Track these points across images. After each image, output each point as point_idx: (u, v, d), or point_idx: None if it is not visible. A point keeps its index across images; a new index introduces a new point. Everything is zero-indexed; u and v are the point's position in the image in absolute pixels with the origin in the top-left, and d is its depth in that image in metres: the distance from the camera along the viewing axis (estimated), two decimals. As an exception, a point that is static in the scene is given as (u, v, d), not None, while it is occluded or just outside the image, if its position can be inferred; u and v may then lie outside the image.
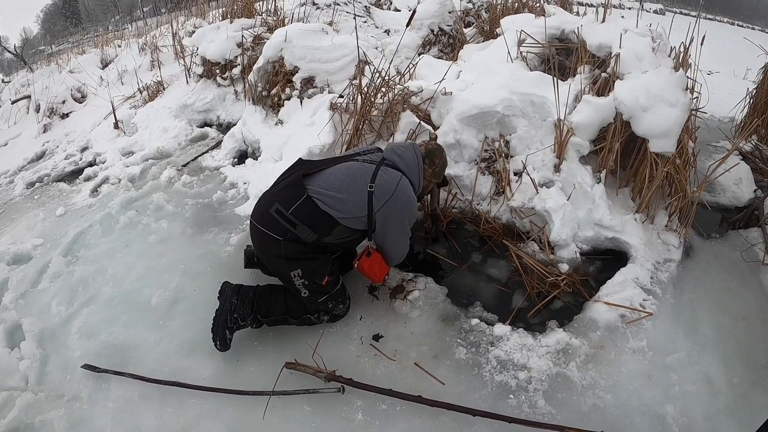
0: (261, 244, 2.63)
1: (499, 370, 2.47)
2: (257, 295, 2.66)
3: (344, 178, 2.57)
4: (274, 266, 2.65)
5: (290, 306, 2.65)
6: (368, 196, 2.52)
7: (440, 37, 5.56)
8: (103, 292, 3.15)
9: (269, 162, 4.31)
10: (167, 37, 7.85)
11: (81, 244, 3.66)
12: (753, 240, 3.42)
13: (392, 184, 2.56)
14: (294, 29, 4.71)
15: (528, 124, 3.50)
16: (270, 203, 2.56)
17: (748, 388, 2.48)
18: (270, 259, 2.62)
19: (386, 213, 2.55)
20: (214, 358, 2.60)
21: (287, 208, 2.50)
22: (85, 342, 2.83)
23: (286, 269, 2.56)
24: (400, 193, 2.57)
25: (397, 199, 2.55)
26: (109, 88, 6.66)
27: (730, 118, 5.21)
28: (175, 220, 3.75)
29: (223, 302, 2.63)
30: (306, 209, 2.50)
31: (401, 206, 2.59)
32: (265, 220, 2.56)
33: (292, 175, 2.62)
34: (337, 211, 2.52)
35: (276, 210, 2.52)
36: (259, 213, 2.61)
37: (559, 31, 3.94)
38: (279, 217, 2.51)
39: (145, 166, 4.80)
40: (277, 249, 2.54)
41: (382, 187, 2.54)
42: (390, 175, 2.59)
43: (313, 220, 2.51)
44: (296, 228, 2.51)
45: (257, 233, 2.61)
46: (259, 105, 4.92)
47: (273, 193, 2.61)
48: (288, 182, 2.60)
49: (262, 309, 2.64)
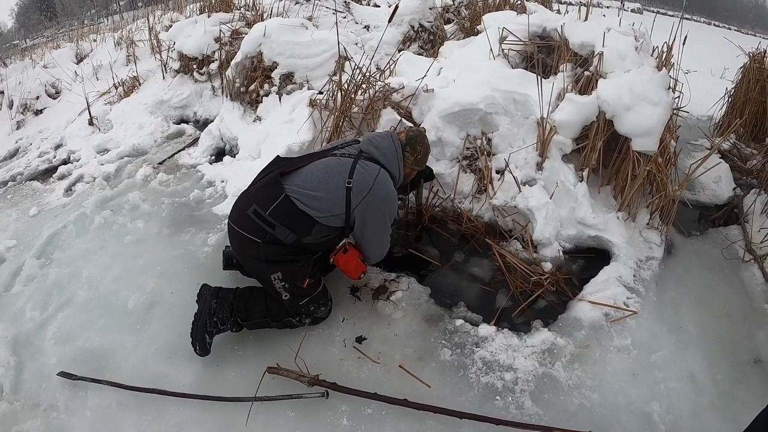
0: (239, 246, 2.56)
1: (485, 372, 2.45)
2: (237, 297, 2.59)
3: (321, 176, 2.51)
4: (253, 269, 2.59)
5: (271, 309, 2.58)
6: (346, 192, 2.46)
7: (420, 34, 5.51)
8: (78, 295, 3.05)
9: (247, 159, 4.22)
10: (143, 31, 7.68)
11: (55, 246, 3.54)
12: (733, 237, 3.47)
13: (370, 179, 2.50)
14: (273, 24, 4.63)
15: (510, 122, 3.48)
16: (247, 204, 2.49)
17: (732, 385, 2.51)
18: (249, 261, 2.56)
19: (365, 209, 2.50)
20: (194, 364, 2.53)
21: (265, 209, 2.44)
22: (60, 348, 2.73)
23: (266, 272, 2.50)
24: (379, 187, 2.51)
25: (376, 194, 2.50)
26: (84, 84, 6.47)
27: (708, 117, 5.28)
28: (152, 220, 3.65)
29: (202, 305, 2.54)
30: (284, 210, 2.44)
31: (380, 201, 2.53)
32: (243, 222, 2.49)
33: (269, 175, 2.54)
34: (316, 210, 2.46)
35: (253, 211, 2.45)
36: (237, 215, 2.54)
37: (540, 28, 3.92)
38: (257, 219, 2.45)
39: (121, 164, 4.67)
40: (255, 251, 2.48)
41: (359, 182, 2.48)
42: (368, 169, 2.53)
43: (291, 220, 2.45)
44: (275, 229, 2.44)
45: (235, 235, 2.55)
46: (237, 101, 4.83)
47: (250, 194, 2.54)
48: (265, 182, 2.52)
49: (242, 312, 2.56)
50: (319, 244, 2.60)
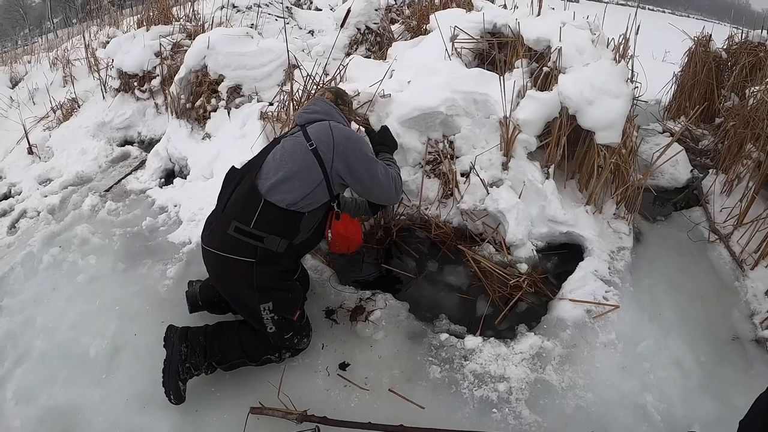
0: (226, 275, 2.34)
1: (477, 385, 2.38)
2: (208, 339, 2.39)
3: (284, 156, 2.33)
4: (240, 299, 2.36)
5: (247, 348, 2.40)
6: (314, 155, 2.30)
7: (367, 36, 5.43)
8: (34, 346, 2.79)
9: (199, 180, 4.03)
10: (80, 49, 7.28)
11: (4, 292, 3.25)
12: (696, 219, 3.56)
13: (327, 131, 2.36)
14: (216, 35, 4.44)
15: (472, 123, 3.43)
16: (226, 224, 2.27)
17: (716, 365, 2.57)
18: (237, 291, 2.34)
19: (342, 157, 2.32)
20: (170, 412, 2.33)
21: (248, 223, 2.24)
22: (23, 408, 2.48)
23: (256, 302, 2.29)
24: (338, 132, 2.37)
25: (340, 138, 2.35)
26: (21, 110, 6.09)
27: (656, 101, 5.41)
28: (104, 254, 3.40)
29: (171, 351, 2.32)
30: (267, 217, 2.25)
31: (349, 142, 2.37)
32: (227, 245, 2.27)
33: (240, 186, 2.35)
34: (297, 196, 2.27)
35: (235, 229, 2.24)
36: (218, 239, 2.30)
37: (491, 25, 3.89)
38: (242, 236, 2.24)
39: (65, 195, 4.37)
40: (249, 276, 2.27)
41: (319, 138, 2.33)
42: (319, 126, 2.40)
43: (278, 225, 2.27)
44: (264, 241, 2.25)
45: (220, 263, 2.32)
46: (184, 118, 4.61)
47: (225, 213, 2.32)
48: (239, 194, 2.33)
49: (216, 355, 2.37)
50: (310, 237, 2.43)
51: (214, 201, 3.49)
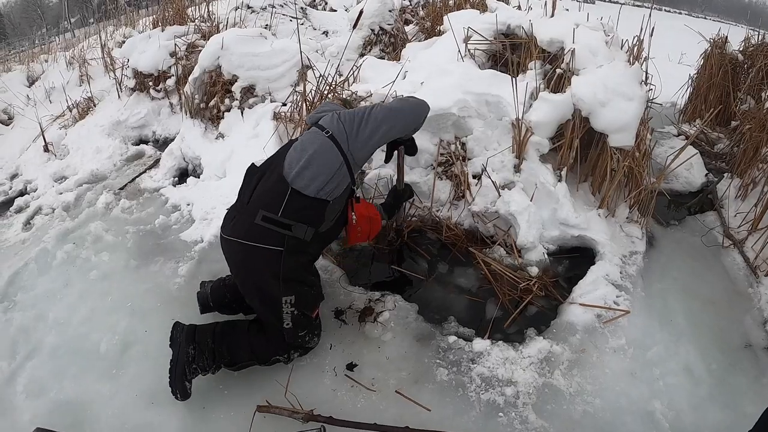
0: (251, 264, 2.32)
1: (484, 389, 2.37)
2: (216, 340, 2.38)
3: (304, 146, 2.38)
4: (263, 290, 2.33)
5: (256, 349, 2.40)
6: (331, 140, 2.37)
7: (381, 37, 5.43)
8: (46, 341, 2.83)
9: (212, 179, 4.05)
10: (96, 49, 7.37)
11: (17, 287, 3.29)
12: (710, 224, 3.50)
13: (335, 116, 2.47)
14: (230, 36, 4.46)
15: (484, 125, 3.42)
16: (252, 214, 2.27)
17: (727, 372, 2.52)
18: (261, 281, 2.32)
19: (356, 132, 2.40)
20: (178, 408, 2.35)
21: (276, 211, 2.25)
22: (33, 402, 2.52)
23: (280, 294, 2.29)
24: (346, 113, 2.48)
25: (346, 117, 2.45)
26: (37, 108, 6.18)
27: (672, 103, 5.35)
28: (117, 252, 3.44)
29: (177, 352, 2.32)
30: (294, 205, 2.27)
31: (354, 114, 2.46)
32: (254, 234, 2.26)
33: (265, 178, 2.37)
34: (321, 182, 2.30)
35: (263, 218, 2.25)
36: (244, 229, 2.29)
37: (504, 26, 3.88)
38: (270, 225, 2.25)
39: (80, 192, 4.42)
40: (275, 266, 2.27)
41: (331, 124, 2.43)
42: (328, 116, 2.49)
43: (305, 213, 2.29)
44: (292, 229, 2.26)
45: (245, 252, 2.30)
46: (198, 118, 4.64)
47: (250, 204, 2.32)
48: (265, 186, 2.34)
49: (225, 357, 2.37)
50: (334, 225, 2.49)
51: (226, 200, 3.59)
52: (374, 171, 3.45)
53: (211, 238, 3.40)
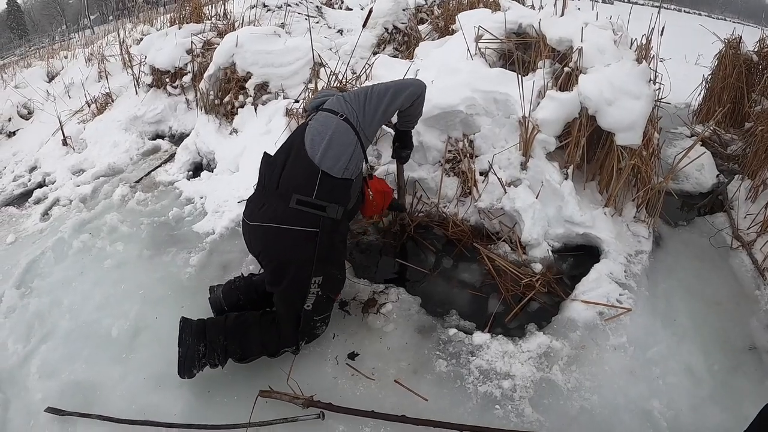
0: (283, 245, 2.36)
1: (482, 381, 2.40)
2: (228, 337, 2.40)
3: (320, 130, 2.47)
4: (293, 270, 2.37)
5: (267, 343, 2.44)
6: (346, 122, 2.50)
7: (395, 36, 5.47)
8: (60, 325, 2.93)
9: (225, 174, 4.14)
10: (114, 46, 7.54)
11: (34, 274, 3.41)
12: (719, 225, 3.47)
13: (341, 100, 2.59)
14: (245, 33, 4.55)
15: (492, 123, 3.44)
16: (285, 199, 2.33)
17: (729, 374, 2.49)
18: (294, 265, 2.37)
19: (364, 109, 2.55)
20: (184, 392, 2.43)
21: (310, 194, 2.33)
22: (46, 382, 2.61)
23: (310, 274, 2.36)
24: (349, 94, 2.64)
25: (356, 96, 2.60)
26: (56, 103, 6.33)
27: (686, 104, 5.31)
28: (131, 242, 3.54)
29: (186, 350, 2.34)
30: (326, 186, 2.35)
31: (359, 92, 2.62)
32: (290, 218, 2.32)
33: (290, 163, 2.42)
34: (344, 162, 2.41)
35: (298, 201, 2.32)
36: (277, 213, 2.34)
37: (516, 25, 3.89)
38: (306, 207, 2.32)
39: (97, 185, 4.54)
40: (312, 247, 2.33)
41: (343, 108, 2.54)
42: (334, 101, 2.62)
43: (335, 193, 2.38)
44: (326, 210, 2.34)
45: (278, 235, 2.34)
46: (212, 114, 4.73)
47: (280, 189, 2.37)
48: (293, 171, 2.40)
49: (237, 353, 2.42)
50: (355, 203, 2.64)
51: (238, 194, 3.67)
52: (383, 167, 3.50)
53: (222, 230, 3.48)
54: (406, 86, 2.67)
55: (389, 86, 2.64)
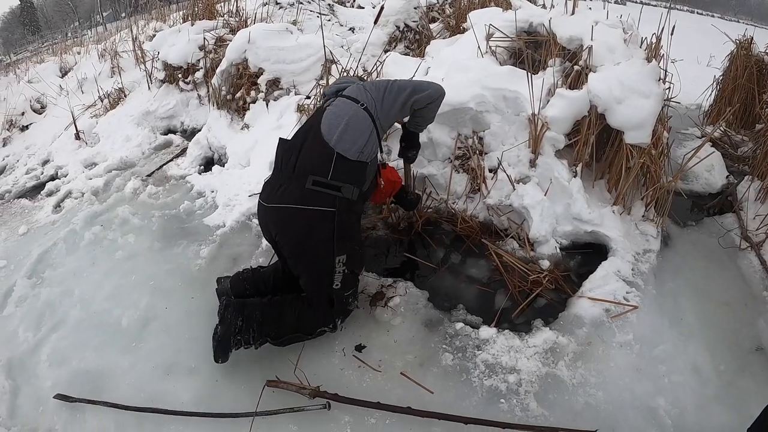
0: (306, 228, 2.41)
1: (488, 375, 2.41)
2: (264, 314, 2.45)
3: (338, 114, 2.54)
4: (316, 250, 2.44)
5: (303, 320, 2.49)
6: (365, 111, 2.56)
7: (406, 34, 5.47)
8: (71, 315, 2.98)
9: (236, 168, 4.18)
10: (127, 42, 7.60)
11: (46, 264, 3.48)
12: (728, 226, 3.45)
13: (361, 89, 2.66)
14: (257, 30, 4.59)
15: (501, 120, 3.46)
16: (302, 180, 2.39)
17: (735, 375, 2.48)
18: (315, 244, 2.43)
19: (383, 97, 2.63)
20: (192, 381, 2.48)
21: (326, 175, 2.39)
22: (55, 370, 2.66)
23: (333, 253, 2.42)
24: (370, 84, 2.72)
25: (376, 87, 2.67)
26: (69, 98, 6.41)
27: (697, 105, 5.28)
28: (142, 234, 3.59)
29: (228, 326, 2.38)
30: (341, 167, 2.42)
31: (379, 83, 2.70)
32: (306, 198, 2.38)
33: (306, 147, 2.48)
34: (359, 145, 2.48)
35: (314, 182, 2.38)
36: (294, 195, 2.40)
37: (527, 24, 3.90)
38: (322, 188, 2.39)
39: (109, 178, 4.61)
40: (330, 226, 2.40)
41: (362, 96, 2.60)
42: (354, 88, 2.68)
43: (350, 175, 2.45)
44: (342, 190, 2.41)
45: (297, 216, 2.40)
46: (224, 109, 4.78)
47: (297, 172, 2.43)
48: (308, 154, 2.46)
49: (273, 330, 2.46)
50: (370, 185, 2.70)
51: (249, 188, 3.72)
52: (392, 162, 3.52)
53: (232, 223, 3.53)
54: (425, 87, 2.70)
55: (410, 83, 2.72)
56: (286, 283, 2.70)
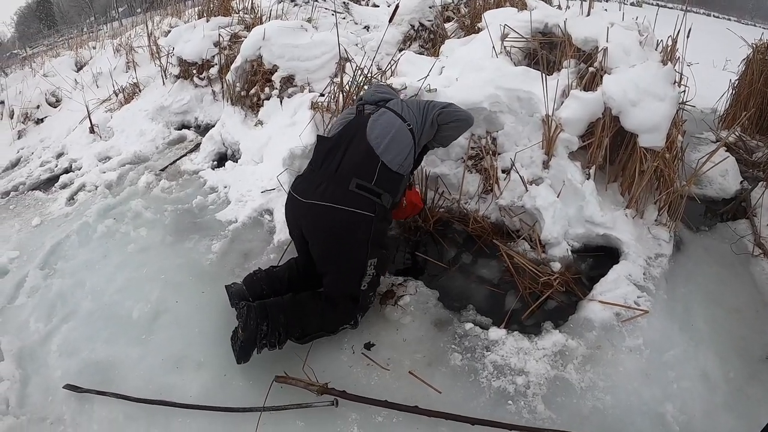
0: (344, 229, 2.44)
1: (496, 376, 2.41)
2: (288, 314, 2.43)
3: (385, 125, 2.60)
4: (350, 252, 2.48)
5: (326, 318, 2.51)
6: (410, 131, 2.63)
7: (421, 33, 5.47)
8: (82, 306, 3.01)
9: (249, 164, 4.20)
10: (142, 37, 7.68)
11: (58, 256, 3.52)
12: (741, 232, 3.42)
13: (404, 106, 2.72)
14: (272, 27, 4.60)
15: (515, 120, 3.44)
16: (345, 181, 2.44)
17: (745, 382, 2.45)
18: (350, 246, 2.47)
19: (424, 119, 2.68)
20: (200, 374, 2.49)
21: (370, 180, 2.46)
22: (65, 360, 2.69)
23: (366, 256, 2.48)
24: (411, 103, 2.77)
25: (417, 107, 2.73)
26: (84, 92, 6.47)
27: (712, 109, 5.23)
28: (155, 228, 3.62)
29: (251, 332, 2.34)
30: (384, 176, 2.49)
31: (420, 108, 2.73)
32: (349, 200, 2.42)
33: (351, 149, 2.54)
34: (401, 159, 2.56)
35: (357, 185, 2.43)
36: (336, 194, 2.43)
37: (542, 24, 3.87)
38: (364, 192, 2.44)
39: (122, 172, 4.65)
40: (367, 230, 2.45)
41: (406, 114, 2.67)
42: (398, 103, 2.75)
43: (389, 184, 2.52)
44: (381, 198, 2.48)
45: (338, 217, 2.42)
46: (238, 105, 4.81)
47: (340, 172, 2.48)
48: (354, 156, 2.52)
49: (297, 330, 2.47)
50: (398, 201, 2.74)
51: (261, 184, 3.73)
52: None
53: (244, 219, 3.55)
54: (456, 107, 2.79)
55: (444, 102, 2.82)
56: (301, 280, 2.71)
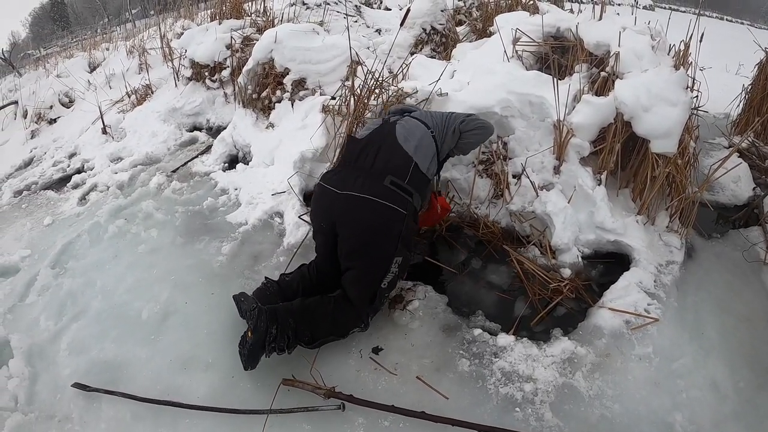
0: (377, 221, 2.47)
1: (504, 383, 2.39)
2: (297, 318, 2.42)
3: (412, 129, 2.72)
4: (379, 248, 2.50)
5: (338, 321, 2.50)
6: (434, 139, 2.75)
7: (432, 36, 5.47)
8: (92, 305, 3.03)
9: (260, 167, 4.21)
10: (155, 39, 7.74)
11: (69, 255, 3.54)
12: (754, 239, 3.37)
13: (428, 115, 2.89)
14: (284, 30, 4.62)
15: (526, 125, 3.44)
16: (380, 177, 2.50)
17: (755, 392, 2.42)
18: (381, 239, 2.49)
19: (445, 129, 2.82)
20: (208, 375, 2.50)
21: (403, 179, 2.52)
22: (74, 359, 2.71)
23: (393, 253, 2.50)
24: (435, 115, 2.92)
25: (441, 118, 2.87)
26: (97, 93, 6.54)
27: (725, 114, 5.17)
28: (165, 229, 3.63)
29: (260, 335, 2.32)
30: (416, 176, 2.57)
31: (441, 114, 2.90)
32: (384, 194, 2.46)
33: (385, 149, 2.61)
34: (428, 162, 2.67)
35: (391, 182, 2.49)
36: (373, 188, 2.47)
37: (554, 29, 3.86)
38: (398, 189, 2.49)
39: (134, 173, 4.68)
40: (399, 227, 2.49)
41: (430, 122, 2.81)
42: (424, 114, 2.92)
43: (419, 185, 2.60)
44: (412, 197, 2.53)
45: (372, 207, 2.45)
46: (250, 108, 4.82)
47: (374, 168, 2.54)
48: (388, 155, 2.59)
49: (306, 335, 2.44)
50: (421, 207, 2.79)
51: (272, 186, 3.75)
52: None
53: (255, 221, 3.56)
54: (479, 117, 2.94)
55: (466, 113, 2.95)
56: (312, 288, 2.69)
